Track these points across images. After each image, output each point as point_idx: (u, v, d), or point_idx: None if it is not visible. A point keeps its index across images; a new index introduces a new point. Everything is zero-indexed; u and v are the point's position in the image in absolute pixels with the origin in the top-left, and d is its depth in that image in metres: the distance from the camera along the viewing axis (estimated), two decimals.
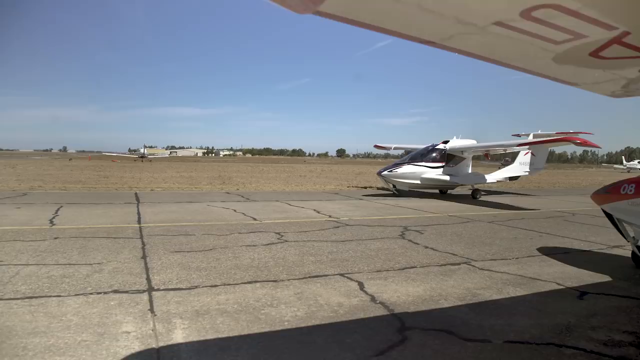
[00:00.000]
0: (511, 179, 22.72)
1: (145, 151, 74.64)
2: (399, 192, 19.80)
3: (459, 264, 7.39)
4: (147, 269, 6.46)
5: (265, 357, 3.80)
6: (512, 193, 24.13)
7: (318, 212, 13.38)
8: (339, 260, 7.35)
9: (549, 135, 21.83)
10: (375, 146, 28.70)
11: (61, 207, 13.17)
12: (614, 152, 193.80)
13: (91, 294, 5.31)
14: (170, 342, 4.00)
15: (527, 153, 22.38)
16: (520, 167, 22.65)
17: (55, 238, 8.48)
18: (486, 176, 21.05)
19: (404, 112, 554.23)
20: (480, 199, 19.57)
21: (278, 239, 9.00)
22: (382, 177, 19.78)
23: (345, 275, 6.45)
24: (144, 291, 5.45)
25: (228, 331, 4.30)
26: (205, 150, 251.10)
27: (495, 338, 4.34)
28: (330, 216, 12.61)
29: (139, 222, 10.69)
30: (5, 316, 4.51)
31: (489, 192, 23.42)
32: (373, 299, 5.44)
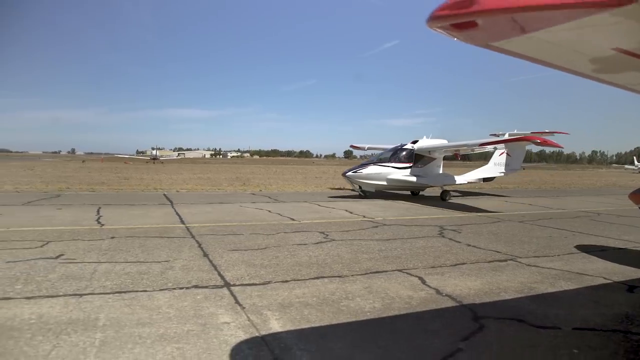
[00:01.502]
0: (485, 180, 22.18)
1: (157, 153, 75.18)
2: (365, 194, 19.29)
3: (505, 260, 7.71)
4: (214, 266, 6.80)
5: (362, 343, 4.14)
6: (522, 195, 24.29)
7: (350, 213, 13.73)
8: (392, 257, 7.68)
9: (524, 135, 20.95)
10: (351, 146, 28.57)
11: (99, 208, 13.56)
12: (623, 152, 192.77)
13: (174, 289, 5.65)
14: (270, 331, 4.33)
15: (502, 153, 21.87)
16: (495, 167, 22.10)
17: (112, 237, 8.84)
18: (456, 177, 20.33)
19: (408, 113, 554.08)
20: (449, 200, 18.99)
21: (324, 238, 9.33)
22: (347, 178, 19.25)
23: (403, 271, 6.78)
24: (222, 286, 5.79)
25: (318, 321, 4.64)
26: (213, 152, 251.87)
27: (563, 325, 4.68)
28: (364, 216, 12.96)
29: (182, 222, 11.04)
30: (107, 309, 4.87)
31: (498, 193, 23.61)
32: (438, 291, 5.77)
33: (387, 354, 3.92)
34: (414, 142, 19.89)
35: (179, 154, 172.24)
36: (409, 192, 21.21)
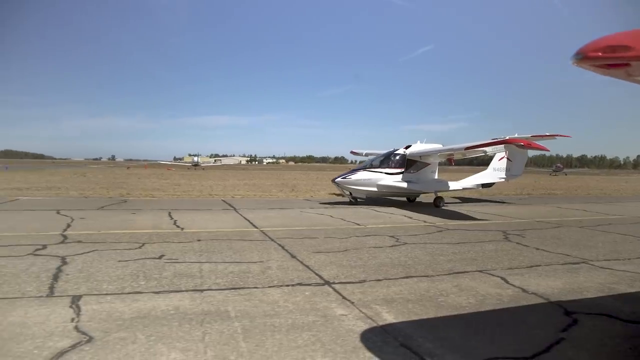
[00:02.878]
0: (484, 185, 21.53)
1: (199, 159, 77.24)
2: (356, 200, 19.11)
3: (578, 263, 8.07)
4: (306, 266, 7.41)
5: (472, 333, 4.65)
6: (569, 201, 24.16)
7: (410, 218, 14.25)
8: (468, 259, 8.15)
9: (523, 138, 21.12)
10: (351, 152, 28.49)
11: (170, 212, 14.45)
12: None
13: (281, 286, 6.27)
14: (386, 322, 4.88)
15: (502, 158, 21.42)
16: (494, 173, 21.56)
17: (199, 240, 9.57)
18: (450, 183, 19.77)
19: (444, 119, 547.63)
20: (443, 207, 18.57)
21: (397, 241, 9.85)
22: (337, 185, 19.01)
23: (484, 271, 7.24)
24: (323, 284, 6.38)
25: (424, 314, 5.17)
26: (249, 158, 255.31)
27: None
28: (425, 221, 13.47)
29: (254, 226, 11.75)
30: (231, 303, 5.51)
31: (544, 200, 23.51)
32: (524, 290, 6.22)
33: (498, 342, 4.42)
34: (407, 147, 19.57)
35: (215, 160, 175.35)
36: (404, 199, 20.98)
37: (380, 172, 18.65)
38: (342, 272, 7.04)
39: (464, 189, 20.55)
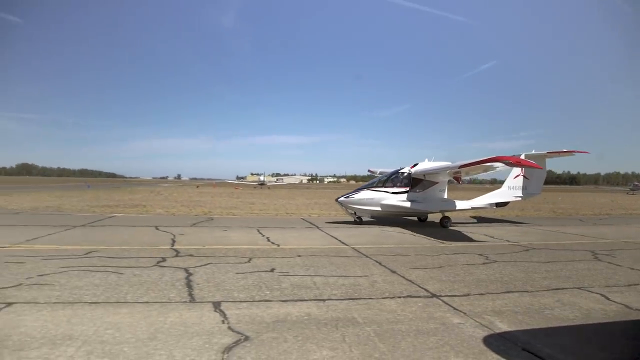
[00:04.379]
0: (498, 204, 20.53)
1: (265, 179, 79.68)
2: (361, 220, 19.04)
3: None
4: (409, 280, 8.05)
5: (585, 342, 5.13)
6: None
7: (492, 237, 14.55)
8: (563, 277, 8.52)
9: (539, 155, 20.14)
10: (368, 170, 27.86)
11: (258, 229, 15.48)
12: None
13: (394, 297, 6.93)
14: (502, 330, 5.43)
15: (517, 176, 20.71)
16: (509, 191, 20.76)
17: (299, 256, 10.39)
18: (458, 202, 19.19)
19: (508, 136, 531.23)
20: (450, 227, 17.99)
21: (486, 259, 10.30)
22: (340, 204, 18.94)
23: (582, 289, 7.60)
24: (431, 296, 6.99)
25: (534, 324, 5.68)
26: (310, 177, 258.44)
27: None
28: (507, 240, 13.78)
29: (343, 243, 12.51)
30: (354, 311, 6.19)
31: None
32: (627, 306, 6.56)
33: (610, 349, 4.88)
34: (414, 165, 19.15)
35: (277, 179, 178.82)
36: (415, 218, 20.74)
37: (384, 192, 18.52)
38: (444, 287, 7.61)
39: (473, 208, 20.00)
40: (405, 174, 18.82)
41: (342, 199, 18.66)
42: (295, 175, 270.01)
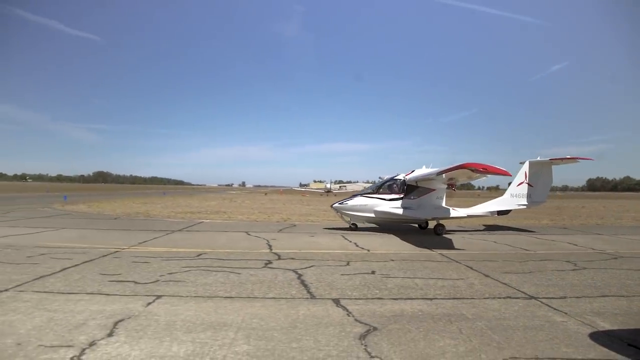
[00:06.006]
0: (500, 213, 20.03)
1: (331, 186, 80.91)
2: (357, 226, 19.18)
3: None
4: (504, 284, 8.64)
5: None
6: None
7: (575, 245, 14.75)
8: None
9: (543, 162, 19.94)
10: (379, 178, 27.43)
11: (343, 235, 16.40)
12: None
13: (494, 298, 7.56)
14: (605, 328, 5.98)
15: (520, 184, 20.16)
16: (512, 199, 20.24)
17: (392, 260, 11.18)
18: (454, 210, 18.82)
19: (581, 141, 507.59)
20: (444, 235, 17.61)
21: (575, 266, 10.71)
22: (335, 210, 19.20)
23: None
24: (530, 298, 7.58)
25: (636, 325, 6.18)
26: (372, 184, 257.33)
27: None
28: (592, 248, 13.93)
29: (428, 249, 13.18)
30: (462, 308, 6.89)
31: None
32: None
33: None
34: (411, 172, 19.15)
35: (340, 186, 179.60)
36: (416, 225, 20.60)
37: (378, 198, 18.62)
38: (540, 290, 8.16)
39: (469, 216, 19.53)
40: (400, 181, 18.88)
41: (336, 205, 19.06)
42: (357, 182, 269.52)
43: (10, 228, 17.24)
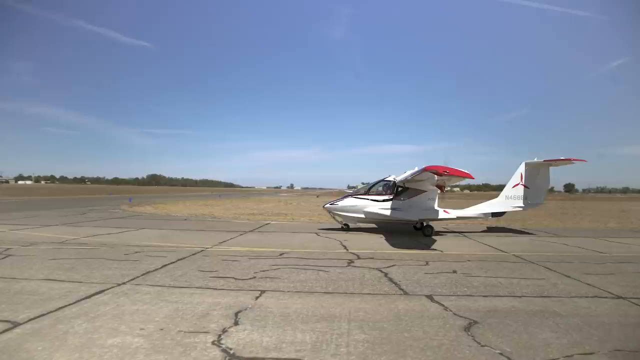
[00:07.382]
0: (494, 214, 19.59)
1: None
2: (348, 227, 19.32)
3: None
4: (587, 284, 8.83)
5: None
6: None
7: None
8: None
9: (539, 164, 19.36)
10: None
11: (409, 236, 16.73)
12: None
13: (581, 297, 7.79)
14: None
15: (515, 185, 19.70)
16: (507, 201, 19.76)
17: (468, 260, 11.50)
18: (443, 211, 18.61)
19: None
20: (432, 236, 17.44)
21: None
22: (327, 210, 19.45)
23: None
24: (618, 297, 7.77)
25: None
26: None
27: None
28: None
29: (501, 251, 13.48)
30: (553, 306, 7.15)
31: None
32: None
33: None
34: (404, 173, 18.96)
35: None
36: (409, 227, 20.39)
37: (367, 199, 18.69)
38: (627, 290, 8.31)
39: (458, 217, 19.38)
40: (391, 182, 19.00)
41: (327, 205, 19.41)
42: None
43: (94, 228, 18.57)
